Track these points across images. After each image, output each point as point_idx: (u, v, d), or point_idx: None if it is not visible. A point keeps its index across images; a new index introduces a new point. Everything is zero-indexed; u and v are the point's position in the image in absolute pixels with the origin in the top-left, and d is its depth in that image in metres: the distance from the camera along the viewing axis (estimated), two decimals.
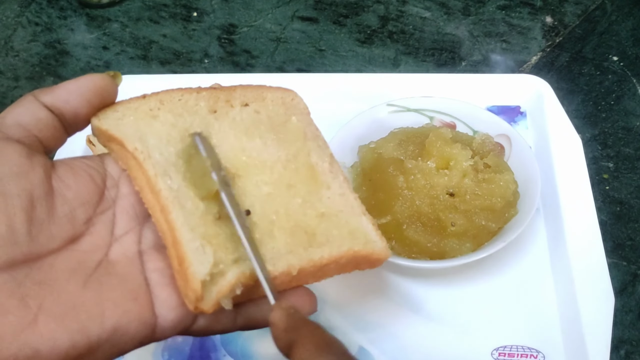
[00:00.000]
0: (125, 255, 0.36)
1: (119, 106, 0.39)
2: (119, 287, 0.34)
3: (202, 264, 0.34)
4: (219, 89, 0.43)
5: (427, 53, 0.80)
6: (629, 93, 0.73)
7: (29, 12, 0.89)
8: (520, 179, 0.57)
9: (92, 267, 0.34)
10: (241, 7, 0.88)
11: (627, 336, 0.55)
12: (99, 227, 0.36)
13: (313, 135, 0.44)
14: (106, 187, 0.38)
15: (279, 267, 0.36)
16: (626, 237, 0.61)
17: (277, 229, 0.38)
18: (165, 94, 0.41)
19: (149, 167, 0.36)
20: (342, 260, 0.38)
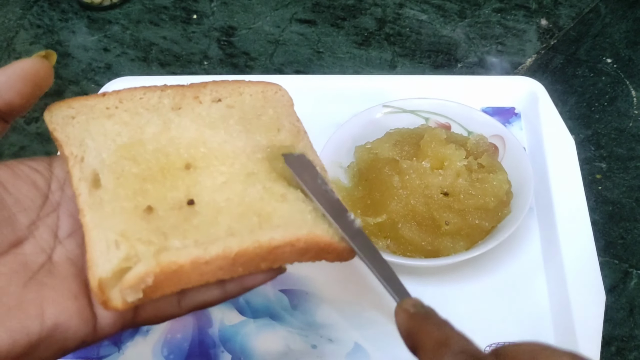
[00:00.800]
0: (67, 257, 0.36)
1: (76, 102, 0.39)
2: (59, 287, 0.34)
3: (109, 261, 0.33)
4: (188, 86, 0.42)
5: (423, 55, 0.82)
6: (622, 94, 0.74)
7: (30, 15, 0.90)
8: (513, 179, 0.58)
9: (35, 268, 0.34)
10: (240, 10, 0.89)
11: (618, 332, 0.56)
12: (42, 231, 0.36)
13: (290, 126, 0.43)
14: (50, 190, 0.38)
15: (211, 250, 0.34)
16: (618, 236, 0.62)
17: (223, 215, 0.37)
18: (126, 92, 0.40)
19: (75, 171, 0.37)
20: (299, 243, 0.36)
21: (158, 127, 0.40)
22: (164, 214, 0.36)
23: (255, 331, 0.56)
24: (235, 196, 0.38)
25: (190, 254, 0.34)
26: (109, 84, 0.73)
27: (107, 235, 0.34)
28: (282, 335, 0.56)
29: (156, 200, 0.36)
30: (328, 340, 0.55)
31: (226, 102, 0.42)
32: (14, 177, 0.36)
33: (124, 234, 0.34)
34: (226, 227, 0.36)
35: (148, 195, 0.37)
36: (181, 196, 0.37)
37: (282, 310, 0.57)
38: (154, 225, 0.35)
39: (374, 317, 0.56)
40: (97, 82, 0.80)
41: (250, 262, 0.36)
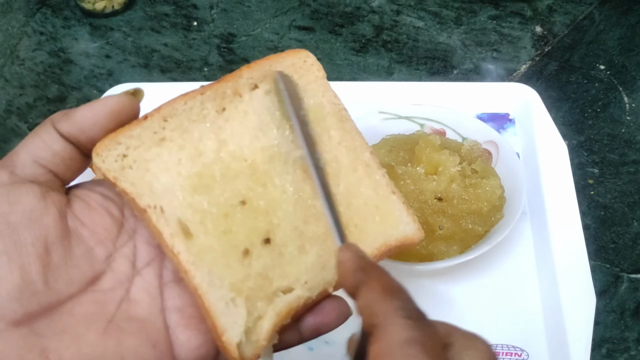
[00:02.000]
0: (147, 291, 0.35)
1: (121, 136, 0.35)
2: (139, 333, 0.33)
3: (236, 322, 0.33)
4: (224, 80, 0.39)
5: (420, 62, 0.83)
6: (615, 101, 0.75)
7: (34, 22, 0.92)
8: (506, 184, 0.60)
9: (113, 308, 0.33)
10: (240, 17, 0.90)
11: (609, 335, 0.57)
12: (120, 262, 0.35)
13: (332, 107, 0.41)
14: (124, 217, 0.36)
15: (315, 289, 0.35)
16: (609, 240, 0.63)
17: (308, 240, 0.36)
18: (167, 106, 0.37)
19: (163, 227, 0.34)
20: (376, 258, 0.37)
21: (213, 141, 0.37)
22: (259, 253, 0.35)
23: None
24: (310, 215, 0.37)
25: (300, 298, 0.35)
26: (110, 91, 0.75)
27: (221, 293, 0.33)
28: None
29: (246, 238, 0.35)
30: (324, 343, 0.56)
31: (263, 87, 0.39)
32: (88, 208, 0.35)
33: (235, 288, 0.34)
34: (316, 257, 0.36)
35: (236, 234, 0.35)
36: (263, 225, 0.36)
37: None
38: (255, 268, 0.35)
39: None
40: (99, 88, 0.82)
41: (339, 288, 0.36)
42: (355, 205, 0.38)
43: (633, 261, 0.61)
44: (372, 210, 0.38)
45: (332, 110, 0.40)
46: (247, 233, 0.35)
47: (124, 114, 0.35)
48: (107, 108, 0.35)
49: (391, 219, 0.38)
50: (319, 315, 0.36)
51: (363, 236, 0.37)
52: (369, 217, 0.38)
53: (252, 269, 0.35)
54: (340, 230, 0.34)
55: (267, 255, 0.35)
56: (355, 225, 0.37)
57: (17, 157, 0.33)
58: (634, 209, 0.65)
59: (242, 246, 0.35)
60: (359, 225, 0.37)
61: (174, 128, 0.36)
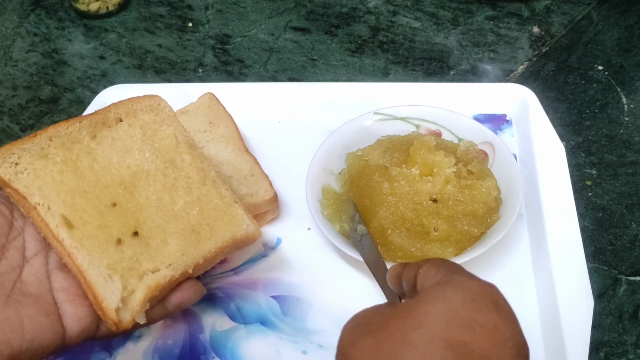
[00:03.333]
0: (35, 275, 0.43)
1: (15, 147, 0.44)
2: (33, 305, 0.41)
3: (113, 293, 0.42)
4: (97, 113, 0.49)
5: (416, 62, 0.82)
6: (613, 102, 0.75)
7: (27, 23, 0.91)
8: (503, 186, 0.59)
9: (9, 287, 0.41)
10: (235, 18, 0.90)
11: (607, 338, 0.56)
12: (12, 252, 0.43)
13: (183, 137, 0.51)
14: (14, 217, 0.44)
15: (178, 269, 0.45)
16: (607, 242, 0.62)
17: (169, 235, 0.46)
18: (52, 129, 0.46)
19: (49, 220, 0.43)
20: (225, 248, 0.48)
21: (87, 158, 0.47)
22: (129, 242, 0.45)
23: (246, 337, 0.56)
24: (169, 214, 0.47)
25: (166, 276, 0.44)
26: (104, 92, 0.74)
27: (100, 271, 0.43)
28: (272, 342, 0.56)
29: (119, 230, 0.45)
30: (318, 346, 0.55)
31: (127, 121, 0.50)
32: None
33: (111, 267, 0.43)
34: (177, 246, 0.46)
35: (109, 228, 0.45)
36: (132, 222, 0.46)
37: (273, 316, 0.57)
38: (127, 254, 0.44)
39: None
40: (93, 89, 0.81)
41: (197, 271, 0.48)
42: (206, 210, 0.49)
43: (631, 263, 0.60)
44: (220, 214, 0.49)
45: (183, 140, 0.51)
46: (118, 227, 0.45)
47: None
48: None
49: (235, 220, 0.49)
50: (179, 291, 0.46)
51: (214, 232, 0.48)
52: (218, 219, 0.49)
53: (125, 254, 0.44)
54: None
55: (137, 245, 0.45)
56: (207, 224, 0.48)
57: None
58: (632, 210, 0.64)
59: (115, 236, 0.44)
60: (210, 224, 0.48)
61: (57, 146, 0.46)
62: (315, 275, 0.60)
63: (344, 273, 0.60)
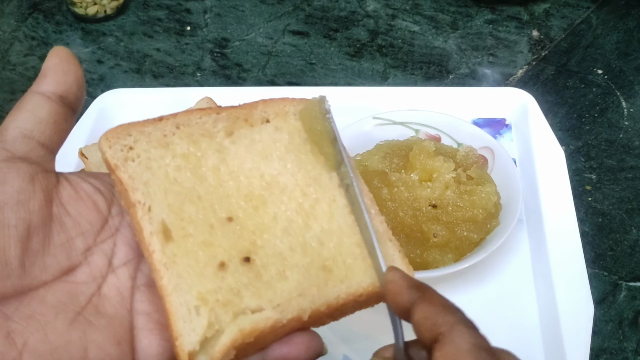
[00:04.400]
0: (118, 290, 0.35)
1: (133, 129, 0.37)
2: (105, 329, 0.33)
3: (194, 330, 0.32)
4: (240, 107, 0.40)
5: (415, 66, 0.82)
6: (612, 106, 0.74)
7: (25, 27, 0.91)
8: (502, 191, 0.59)
9: (84, 301, 0.33)
10: (233, 22, 0.89)
11: (607, 345, 0.56)
12: (97, 257, 0.35)
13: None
14: (111, 214, 0.36)
15: (287, 313, 0.34)
16: (607, 248, 0.62)
17: (290, 267, 0.36)
18: (183, 115, 0.38)
19: (145, 223, 0.35)
20: (362, 297, 0.36)
21: (215, 158, 0.38)
22: (235, 269, 0.35)
23: None
24: (297, 243, 0.37)
25: (269, 320, 0.33)
26: (101, 96, 0.74)
27: (186, 299, 0.33)
28: None
29: (226, 252, 0.35)
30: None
31: (274, 123, 0.40)
32: (76, 197, 0.35)
33: (202, 297, 0.33)
34: (296, 284, 0.35)
35: (217, 247, 0.35)
36: (246, 245, 0.36)
37: None
38: (228, 283, 0.34)
39: (363, 330, 0.56)
40: (90, 93, 0.81)
41: (318, 320, 0.36)
42: (348, 244, 0.37)
43: (631, 269, 0.60)
44: (363, 252, 0.37)
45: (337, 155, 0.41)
46: (227, 248, 0.35)
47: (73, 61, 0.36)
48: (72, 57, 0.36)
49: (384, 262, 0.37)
50: (286, 345, 0.35)
51: (350, 274, 0.36)
52: (360, 257, 0.37)
53: (225, 283, 0.34)
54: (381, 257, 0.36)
55: (244, 273, 0.35)
56: (344, 262, 0.37)
57: (6, 132, 0.33)
58: (632, 215, 0.64)
59: (219, 259, 0.35)
60: (347, 263, 0.37)
61: (183, 136, 0.38)
62: None
63: None
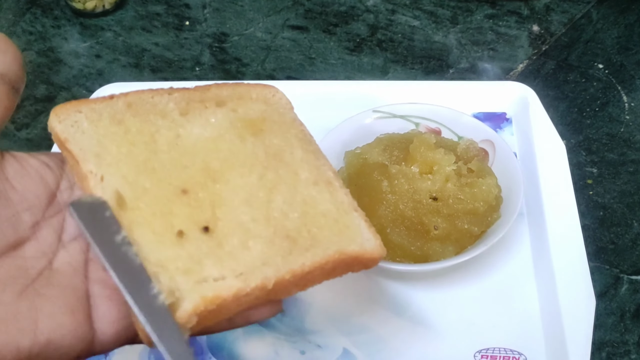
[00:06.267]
0: (70, 264, 0.34)
1: (83, 106, 0.37)
2: (57, 298, 0.32)
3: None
4: (193, 89, 0.40)
5: (415, 61, 0.82)
6: (613, 100, 0.74)
7: (23, 22, 0.90)
8: (503, 184, 0.58)
9: (33, 275, 0.32)
10: (233, 16, 0.89)
11: (609, 338, 0.55)
12: (46, 232, 0.34)
13: (297, 130, 0.42)
14: (59, 189, 0.36)
15: (251, 281, 0.33)
16: (609, 241, 0.61)
17: (253, 238, 0.35)
18: (135, 95, 0.38)
19: (98, 192, 0.34)
20: (327, 265, 0.36)
21: (170, 135, 0.38)
22: (195, 238, 0.34)
23: (243, 337, 0.56)
24: (260, 214, 0.36)
25: (232, 287, 0.33)
26: (99, 90, 0.73)
27: (145, 266, 0.32)
28: (270, 342, 0.55)
29: (184, 222, 0.35)
30: (316, 346, 0.55)
31: (230, 106, 0.41)
32: (22, 173, 0.34)
33: (161, 264, 0.33)
34: (259, 253, 0.35)
35: (175, 217, 0.35)
36: (208, 216, 0.35)
37: None
38: (188, 251, 0.34)
39: (363, 322, 0.55)
40: (89, 88, 0.80)
41: (284, 289, 0.35)
42: (312, 214, 0.37)
43: (633, 262, 0.60)
44: (329, 222, 0.37)
45: (297, 133, 0.41)
46: (184, 218, 0.35)
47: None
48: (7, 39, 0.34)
49: (350, 232, 0.37)
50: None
51: (315, 242, 0.36)
52: (325, 227, 0.37)
53: (184, 251, 0.34)
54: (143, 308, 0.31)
55: (204, 242, 0.34)
56: (309, 231, 0.36)
57: None
58: (633, 209, 0.64)
59: (177, 228, 0.34)
60: (312, 232, 0.36)
61: (135, 114, 0.38)
62: None
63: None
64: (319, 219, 0.37)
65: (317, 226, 0.37)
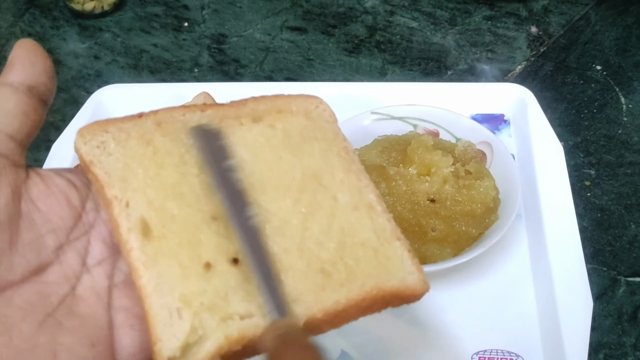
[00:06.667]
0: (94, 290, 0.32)
1: (111, 126, 0.34)
2: (78, 330, 0.31)
3: (174, 335, 0.29)
4: (228, 105, 0.38)
5: (413, 62, 0.82)
6: (611, 101, 0.74)
7: (22, 22, 0.90)
8: (501, 186, 0.58)
9: (55, 302, 0.31)
10: (231, 18, 0.89)
11: (606, 340, 0.55)
12: (70, 256, 0.32)
13: (339, 148, 0.38)
14: (85, 210, 0.34)
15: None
16: (606, 243, 0.62)
17: (284, 270, 0.32)
18: (165, 112, 0.36)
19: (122, 220, 0.32)
20: (364, 302, 0.33)
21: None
22: (222, 271, 0.32)
23: None
24: (293, 244, 0.33)
25: (258, 327, 0.30)
26: (98, 91, 0.73)
27: (167, 301, 0.30)
28: None
29: (212, 252, 0.32)
30: None
31: (267, 121, 0.37)
32: (47, 193, 0.32)
33: (185, 299, 0.30)
34: (289, 289, 0.32)
35: (202, 247, 0.32)
36: (237, 247, 0.33)
37: None
38: (214, 285, 0.31)
39: (361, 324, 0.55)
40: (87, 89, 0.80)
41: (315, 328, 0.32)
42: (350, 244, 0.34)
43: (630, 264, 0.60)
44: (368, 253, 0.34)
45: (339, 151, 0.38)
46: (213, 248, 0.32)
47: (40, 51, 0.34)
48: (39, 48, 0.33)
49: (390, 264, 0.34)
50: None
51: (351, 277, 0.33)
52: (363, 259, 0.34)
53: (211, 285, 0.31)
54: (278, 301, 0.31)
55: (232, 276, 0.32)
56: (345, 264, 0.33)
57: None
58: (631, 211, 0.64)
59: (204, 259, 0.32)
60: (349, 265, 0.33)
61: (165, 134, 0.35)
62: None
63: None
64: (357, 250, 0.34)
65: (354, 258, 0.33)
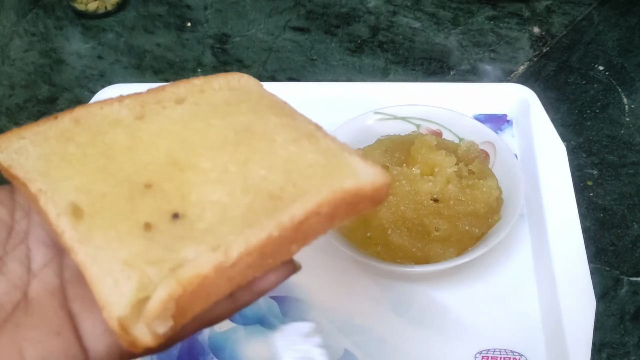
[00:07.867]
0: (46, 290, 0.32)
1: (25, 131, 0.35)
2: (39, 324, 0.31)
3: (122, 295, 0.29)
4: (145, 93, 0.38)
5: (416, 62, 0.82)
6: (614, 102, 0.74)
7: (25, 22, 0.90)
8: (504, 186, 0.58)
9: (9, 310, 0.31)
10: (234, 17, 0.89)
11: (609, 339, 0.56)
12: (13, 266, 0.33)
13: (267, 100, 0.39)
14: (15, 220, 0.34)
15: (232, 250, 0.30)
16: (609, 243, 0.62)
17: (231, 209, 0.32)
18: (81, 109, 0.37)
19: (50, 208, 0.32)
20: (323, 209, 0.32)
21: (127, 139, 0.35)
22: (164, 227, 0.31)
23: (245, 338, 0.56)
24: (237, 187, 0.33)
25: (210, 261, 0.29)
26: (102, 91, 0.74)
27: (110, 267, 0.29)
28: (272, 342, 0.55)
29: (150, 215, 0.32)
30: (318, 347, 0.55)
31: (191, 100, 0.38)
32: None
33: (129, 261, 0.30)
34: (240, 221, 0.31)
35: (138, 212, 0.32)
36: (176, 204, 0.32)
37: (273, 317, 0.57)
38: (158, 241, 0.31)
39: (364, 323, 0.56)
40: (90, 89, 0.80)
41: (280, 249, 0.32)
42: (296, 170, 0.34)
43: (633, 264, 0.60)
44: (317, 170, 0.33)
45: (268, 103, 0.39)
46: (151, 211, 0.32)
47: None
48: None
49: (342, 170, 0.33)
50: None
51: (303, 192, 0.32)
52: (313, 175, 0.33)
53: (154, 242, 0.31)
54: None
55: (175, 228, 0.31)
56: (295, 184, 0.33)
57: None
58: (633, 211, 0.64)
59: (142, 221, 0.31)
60: (298, 184, 0.33)
61: (85, 129, 0.36)
62: (315, 275, 0.59)
63: (343, 273, 0.59)
64: (305, 171, 0.34)
65: (303, 177, 0.33)
